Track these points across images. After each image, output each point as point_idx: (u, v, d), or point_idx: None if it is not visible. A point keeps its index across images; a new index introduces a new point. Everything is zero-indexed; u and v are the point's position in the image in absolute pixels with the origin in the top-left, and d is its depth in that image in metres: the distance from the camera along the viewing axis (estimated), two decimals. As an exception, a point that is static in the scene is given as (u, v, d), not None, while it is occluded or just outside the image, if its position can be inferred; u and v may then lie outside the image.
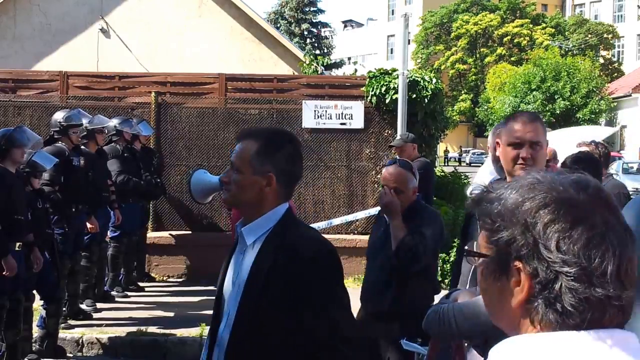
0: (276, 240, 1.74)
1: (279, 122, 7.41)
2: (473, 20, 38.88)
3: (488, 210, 0.88)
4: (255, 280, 1.73)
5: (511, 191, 0.87)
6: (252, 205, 1.80)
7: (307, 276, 1.68)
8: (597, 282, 0.80)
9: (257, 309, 1.70)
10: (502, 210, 0.86)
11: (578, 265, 0.80)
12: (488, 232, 0.87)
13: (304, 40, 31.55)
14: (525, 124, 2.14)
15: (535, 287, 0.82)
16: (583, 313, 0.80)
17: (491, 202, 0.88)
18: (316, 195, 7.51)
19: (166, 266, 7.33)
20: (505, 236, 0.84)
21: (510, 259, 0.84)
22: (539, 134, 2.14)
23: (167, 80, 7.75)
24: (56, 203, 5.10)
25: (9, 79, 7.77)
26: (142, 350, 5.06)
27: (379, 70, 7.59)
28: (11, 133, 4.36)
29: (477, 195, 0.92)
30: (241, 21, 12.55)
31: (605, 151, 4.66)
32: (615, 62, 40.24)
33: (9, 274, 4.06)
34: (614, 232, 0.82)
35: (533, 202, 0.84)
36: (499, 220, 0.85)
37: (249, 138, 1.82)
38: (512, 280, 0.84)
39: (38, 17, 12.46)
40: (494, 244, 0.86)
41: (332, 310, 1.70)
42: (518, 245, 0.83)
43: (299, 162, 1.85)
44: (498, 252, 0.86)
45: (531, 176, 0.88)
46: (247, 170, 1.78)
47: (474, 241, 0.93)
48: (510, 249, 0.84)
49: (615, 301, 0.81)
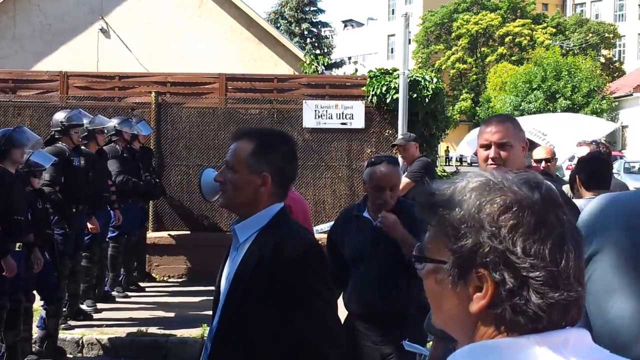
0: (264, 237, 1.75)
1: (279, 122, 7.40)
2: (474, 19, 38.85)
3: (447, 216, 0.84)
4: (241, 277, 1.75)
5: (465, 194, 0.84)
6: (247, 205, 1.80)
7: (291, 273, 1.69)
8: (563, 285, 0.79)
9: (242, 305, 1.72)
10: (463, 215, 0.82)
11: (545, 268, 0.79)
12: (448, 239, 0.83)
13: (304, 40, 31.54)
14: (493, 126, 2.25)
15: (501, 293, 0.79)
16: (550, 316, 0.79)
17: (447, 206, 0.84)
18: (317, 195, 7.50)
19: (167, 266, 7.32)
20: (470, 243, 0.81)
21: (472, 265, 0.81)
22: (507, 135, 2.23)
23: (167, 80, 7.74)
24: (56, 203, 5.09)
25: (8, 79, 7.77)
26: (142, 351, 5.05)
27: (380, 70, 7.58)
28: (11, 133, 4.35)
29: (426, 199, 0.88)
30: (241, 21, 12.53)
31: (607, 151, 4.64)
32: (617, 61, 40.21)
33: (9, 274, 4.05)
34: (569, 231, 0.82)
35: (493, 205, 0.81)
36: (462, 227, 0.82)
37: (245, 138, 1.83)
38: (472, 286, 0.82)
39: (38, 17, 12.45)
40: (455, 251, 0.83)
41: (314, 308, 1.70)
42: (483, 252, 0.80)
43: (294, 162, 1.86)
44: (459, 258, 0.82)
45: (483, 177, 0.85)
46: (242, 170, 1.78)
47: (418, 245, 0.90)
48: (474, 256, 0.81)
49: (577, 302, 0.81)
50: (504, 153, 2.21)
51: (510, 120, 2.37)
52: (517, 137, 2.26)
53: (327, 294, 1.75)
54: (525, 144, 2.30)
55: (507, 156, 2.21)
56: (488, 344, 0.81)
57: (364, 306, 2.77)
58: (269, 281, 1.69)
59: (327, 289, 1.76)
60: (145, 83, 7.71)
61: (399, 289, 2.72)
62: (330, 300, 1.76)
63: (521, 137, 2.28)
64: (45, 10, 12.45)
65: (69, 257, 5.24)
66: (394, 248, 2.71)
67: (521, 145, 2.27)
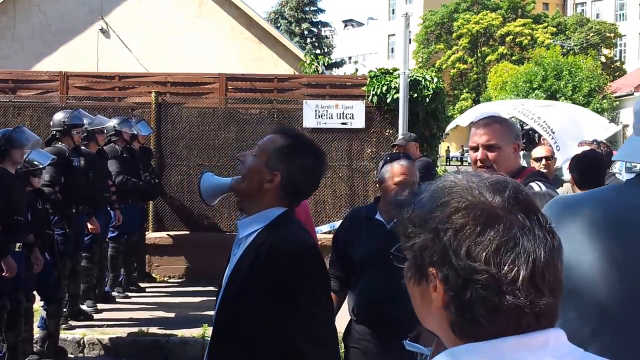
0: (263, 236, 1.74)
1: (279, 122, 7.39)
2: (474, 19, 38.83)
3: (404, 215, 0.86)
4: (237, 275, 1.74)
5: (426, 195, 0.85)
6: (250, 195, 1.80)
7: (285, 273, 1.68)
8: (507, 290, 0.77)
9: (236, 303, 1.72)
10: (414, 216, 0.84)
11: (487, 272, 0.77)
12: (403, 238, 0.86)
13: (304, 39, 31.53)
14: (481, 128, 2.28)
15: (448, 294, 0.80)
16: (494, 322, 0.78)
17: (406, 207, 0.87)
18: (317, 195, 7.49)
19: (167, 267, 7.31)
20: (419, 242, 0.83)
21: (424, 264, 0.83)
22: (494, 136, 2.23)
23: (167, 80, 7.74)
24: (57, 204, 5.09)
25: (8, 79, 7.77)
26: (143, 351, 5.05)
27: (380, 70, 7.57)
28: (10, 133, 4.35)
29: (400, 199, 0.90)
30: (241, 21, 12.53)
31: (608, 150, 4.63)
32: (617, 60, 40.18)
33: (9, 274, 4.05)
34: (531, 235, 0.79)
35: (446, 207, 0.82)
36: (411, 227, 0.84)
37: (282, 133, 1.84)
38: (431, 285, 0.83)
39: (38, 18, 12.45)
40: (409, 250, 0.85)
41: (305, 309, 1.68)
42: (430, 252, 0.82)
43: (313, 181, 1.81)
44: (414, 257, 0.84)
45: (448, 180, 0.85)
46: (261, 159, 1.78)
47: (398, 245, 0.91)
48: (424, 255, 0.82)
49: (528, 309, 0.77)
50: (491, 154, 2.21)
51: (499, 121, 2.36)
52: (506, 138, 2.24)
53: (321, 296, 1.73)
54: (518, 145, 2.28)
55: (495, 157, 2.21)
56: (467, 348, 0.80)
57: (372, 311, 2.67)
58: (264, 279, 1.68)
59: (321, 291, 1.74)
60: (145, 83, 7.71)
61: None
62: (323, 303, 1.74)
63: (511, 139, 2.25)
64: (45, 10, 12.45)
65: (69, 258, 5.24)
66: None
67: (512, 147, 2.25)
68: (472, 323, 0.79)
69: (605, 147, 4.66)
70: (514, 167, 2.24)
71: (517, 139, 2.31)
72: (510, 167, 2.20)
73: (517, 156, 2.29)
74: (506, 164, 2.21)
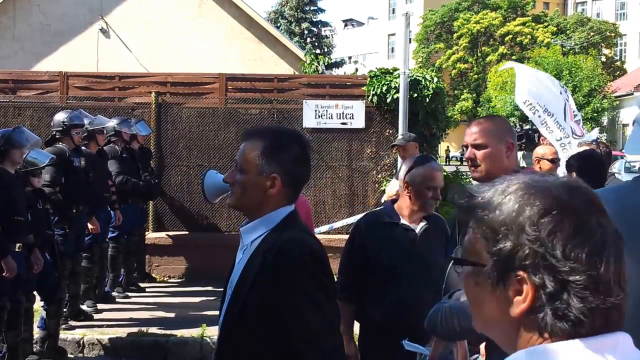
0: (269, 242, 1.71)
1: (279, 122, 7.39)
2: (474, 19, 38.82)
3: (486, 219, 0.84)
4: (244, 282, 1.71)
5: (505, 197, 0.84)
6: (255, 207, 1.76)
7: (290, 278, 1.65)
8: (604, 289, 0.79)
9: (242, 311, 1.69)
10: (503, 218, 0.83)
11: (586, 272, 0.78)
12: (487, 241, 0.84)
13: (304, 39, 31.53)
14: (472, 126, 2.28)
15: (542, 297, 0.79)
16: (592, 321, 0.79)
17: (487, 209, 0.85)
18: (317, 196, 7.49)
19: (166, 267, 7.32)
20: (509, 245, 0.81)
21: (512, 268, 0.81)
22: (482, 135, 2.23)
23: (167, 81, 7.74)
24: (57, 204, 5.09)
25: (8, 79, 7.77)
26: (143, 351, 5.05)
27: (380, 70, 7.56)
28: (10, 134, 4.35)
29: (465, 201, 0.88)
30: (241, 21, 12.53)
31: (607, 150, 4.63)
32: (618, 60, 40.16)
33: (9, 274, 4.05)
34: (609, 235, 0.82)
35: (533, 208, 0.81)
36: (501, 229, 0.82)
37: (255, 137, 1.77)
38: (511, 289, 0.82)
39: (38, 18, 12.45)
40: (494, 254, 0.83)
41: (307, 315, 1.65)
42: (522, 255, 0.80)
43: (306, 164, 1.79)
44: (498, 261, 0.83)
45: (521, 180, 0.85)
46: (251, 171, 1.73)
47: (458, 247, 0.89)
48: (513, 259, 0.81)
49: (618, 307, 0.81)
50: (479, 153, 2.21)
51: (491, 120, 2.38)
52: (496, 137, 2.22)
53: (325, 301, 1.70)
54: (512, 144, 2.24)
55: (482, 156, 2.21)
56: (545, 349, 0.80)
57: (397, 319, 2.56)
58: (269, 283, 1.66)
59: (325, 296, 1.71)
60: (145, 83, 7.71)
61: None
62: (326, 309, 1.70)
63: (502, 137, 2.23)
64: (45, 10, 12.45)
65: (69, 258, 5.24)
66: (438, 258, 2.52)
67: (504, 146, 2.22)
68: (571, 324, 0.79)
69: (604, 147, 4.66)
70: (509, 167, 2.20)
71: (511, 137, 2.28)
72: (504, 167, 2.17)
73: (512, 156, 2.25)
74: (495, 163, 2.20)
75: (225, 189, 1.98)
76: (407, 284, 2.56)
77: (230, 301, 1.74)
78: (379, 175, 7.45)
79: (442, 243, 2.60)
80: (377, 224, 2.72)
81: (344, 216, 7.39)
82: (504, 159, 2.23)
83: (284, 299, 1.65)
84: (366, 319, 2.75)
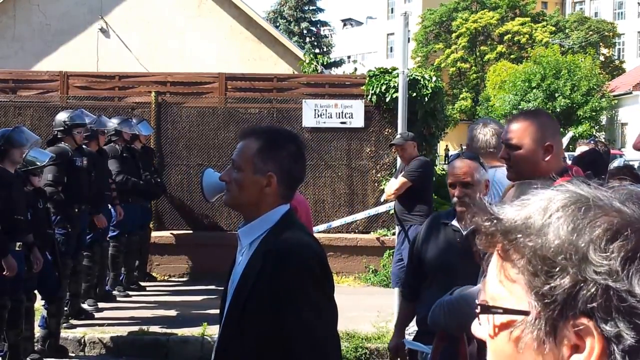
0: (268, 244, 1.71)
1: (279, 122, 7.41)
2: (473, 18, 38.83)
3: (531, 246, 0.61)
4: (244, 286, 1.71)
5: (549, 215, 0.62)
6: (252, 205, 1.77)
7: (290, 281, 1.65)
8: None
9: (243, 313, 1.69)
10: (558, 244, 0.60)
11: None
12: (533, 278, 0.61)
13: (303, 39, 31.54)
14: (510, 124, 2.17)
15: (616, 355, 0.58)
16: None
17: (529, 233, 0.62)
18: (317, 195, 7.51)
19: (167, 265, 7.34)
20: (567, 282, 0.59)
21: (570, 314, 0.59)
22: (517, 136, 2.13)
23: (167, 80, 7.76)
24: (59, 203, 5.11)
25: (9, 79, 7.78)
26: (144, 350, 5.07)
27: (379, 69, 7.58)
28: (10, 133, 4.37)
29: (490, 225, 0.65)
30: (241, 20, 12.54)
31: (606, 149, 4.66)
32: (616, 59, 40.20)
33: (10, 274, 4.07)
34: None
35: (595, 229, 0.59)
36: (557, 259, 0.60)
37: (251, 136, 1.79)
38: (566, 345, 0.60)
39: (38, 17, 12.45)
40: (545, 295, 0.60)
41: (305, 318, 1.66)
42: (588, 294, 0.58)
43: (301, 162, 1.80)
44: (549, 305, 0.60)
45: (570, 191, 0.63)
46: (247, 169, 1.75)
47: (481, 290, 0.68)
48: (574, 301, 0.59)
49: None
50: (512, 154, 2.12)
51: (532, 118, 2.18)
52: (533, 138, 2.09)
53: (323, 303, 1.70)
54: (551, 146, 2.08)
55: (515, 158, 2.10)
56: None
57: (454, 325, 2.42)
58: (269, 286, 1.66)
59: (325, 298, 1.71)
60: (145, 83, 7.73)
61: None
62: (325, 310, 1.71)
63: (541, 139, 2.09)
64: (45, 10, 12.45)
65: (70, 257, 5.26)
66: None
67: (541, 149, 2.08)
68: None
69: (603, 146, 4.69)
70: (548, 170, 1.97)
71: (552, 139, 2.10)
72: (541, 171, 1.99)
73: (552, 158, 2.06)
74: (529, 167, 2.03)
75: (223, 187, 2.00)
76: (447, 286, 2.49)
77: (231, 304, 1.75)
78: (378, 174, 7.47)
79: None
80: (435, 224, 2.71)
81: (343, 215, 7.41)
82: (540, 162, 2.07)
83: (285, 302, 1.65)
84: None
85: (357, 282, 7.08)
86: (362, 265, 7.20)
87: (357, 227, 7.48)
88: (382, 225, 7.37)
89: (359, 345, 4.95)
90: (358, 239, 7.28)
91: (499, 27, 38.53)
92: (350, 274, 7.15)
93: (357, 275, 7.15)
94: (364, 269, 7.16)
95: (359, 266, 7.19)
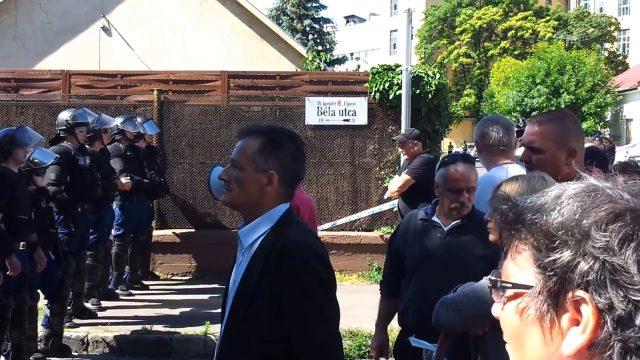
0: (269, 244, 1.70)
1: (282, 119, 7.39)
2: (477, 14, 38.71)
3: (537, 222, 0.67)
4: (246, 287, 1.71)
5: (561, 200, 0.67)
6: (252, 204, 1.76)
7: (292, 283, 1.64)
8: None
9: (245, 314, 1.69)
10: (561, 220, 0.65)
11: None
12: (538, 252, 0.66)
13: (306, 36, 31.50)
14: (532, 125, 2.17)
15: (607, 325, 0.62)
16: None
17: (539, 212, 0.68)
18: (320, 192, 7.49)
19: (170, 264, 7.33)
20: (567, 255, 0.64)
21: (569, 287, 0.64)
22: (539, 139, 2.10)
23: (170, 78, 7.74)
24: (62, 203, 5.10)
25: (11, 78, 7.78)
26: (147, 349, 5.07)
27: (382, 66, 7.55)
28: (13, 133, 4.36)
29: (509, 208, 0.71)
30: (243, 18, 12.51)
31: (610, 145, 4.62)
32: (621, 55, 40.00)
33: (13, 273, 4.07)
34: None
35: (600, 212, 0.65)
36: (558, 234, 0.65)
37: (251, 135, 1.78)
38: (566, 317, 0.64)
39: (39, 16, 12.46)
40: (546, 267, 0.65)
41: (309, 320, 1.65)
42: (584, 268, 0.63)
43: (301, 161, 1.80)
44: (551, 277, 0.65)
45: (581, 184, 0.69)
46: (248, 168, 1.73)
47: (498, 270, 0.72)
48: (572, 274, 0.64)
49: None
50: (534, 157, 2.09)
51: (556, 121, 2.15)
52: (556, 142, 2.07)
53: (325, 303, 1.70)
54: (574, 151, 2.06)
55: (537, 162, 2.07)
56: None
57: (422, 318, 2.44)
58: (272, 286, 1.65)
59: (327, 297, 1.71)
60: (148, 81, 7.71)
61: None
62: (328, 313, 1.70)
63: (564, 143, 2.06)
64: (47, 8, 12.45)
65: (73, 256, 5.25)
66: (466, 257, 2.49)
67: (564, 153, 2.05)
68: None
69: (607, 143, 4.65)
70: (569, 175, 1.93)
71: (575, 142, 2.06)
72: (563, 175, 1.93)
73: (575, 162, 2.02)
74: (551, 170, 1.97)
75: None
76: (427, 280, 2.54)
77: (232, 305, 1.74)
78: (382, 172, 7.44)
79: (482, 243, 2.42)
80: (412, 221, 2.73)
81: (346, 213, 7.39)
82: (561, 166, 2.02)
83: (287, 301, 1.65)
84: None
85: (361, 280, 7.06)
86: (365, 263, 7.18)
87: (360, 224, 7.46)
88: (386, 222, 7.34)
89: (362, 343, 4.93)
90: (361, 236, 7.26)
91: (502, 23, 38.41)
92: (354, 272, 7.13)
93: (360, 273, 7.13)
94: (368, 267, 7.14)
95: (363, 264, 7.17)
